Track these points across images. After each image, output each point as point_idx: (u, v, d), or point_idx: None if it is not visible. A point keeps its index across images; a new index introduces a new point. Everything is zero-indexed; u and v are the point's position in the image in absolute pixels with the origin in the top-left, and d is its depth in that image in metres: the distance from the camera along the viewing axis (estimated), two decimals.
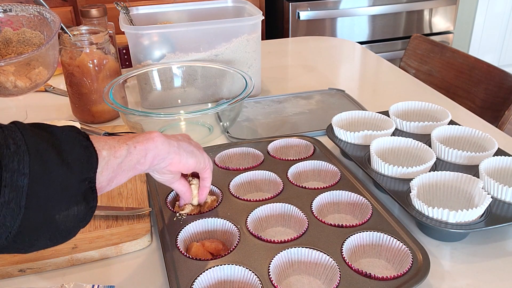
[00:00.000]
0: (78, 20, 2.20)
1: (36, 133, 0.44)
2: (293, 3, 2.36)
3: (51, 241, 0.45)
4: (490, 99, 1.25)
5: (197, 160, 0.63)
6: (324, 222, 0.67)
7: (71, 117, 1.07)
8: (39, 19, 0.86)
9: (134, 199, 0.75)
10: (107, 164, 0.49)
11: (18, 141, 0.41)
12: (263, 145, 0.87)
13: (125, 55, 1.35)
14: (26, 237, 0.42)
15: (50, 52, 0.82)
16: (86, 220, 0.47)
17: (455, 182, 0.71)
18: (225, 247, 0.64)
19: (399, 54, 2.50)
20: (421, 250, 0.61)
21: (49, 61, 0.84)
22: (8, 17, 0.86)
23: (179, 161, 0.60)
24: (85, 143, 0.47)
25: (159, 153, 0.56)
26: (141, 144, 0.54)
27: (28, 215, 0.41)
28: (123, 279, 0.63)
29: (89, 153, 0.47)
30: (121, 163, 0.51)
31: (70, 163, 0.44)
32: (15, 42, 0.84)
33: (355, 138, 0.85)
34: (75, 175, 0.44)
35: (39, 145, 0.42)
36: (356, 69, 1.46)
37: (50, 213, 0.43)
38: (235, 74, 1.00)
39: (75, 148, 0.45)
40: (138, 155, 0.53)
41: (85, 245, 0.66)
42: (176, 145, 0.59)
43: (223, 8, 1.25)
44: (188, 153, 0.61)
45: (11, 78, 0.80)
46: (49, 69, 0.84)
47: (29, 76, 0.82)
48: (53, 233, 0.44)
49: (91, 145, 0.47)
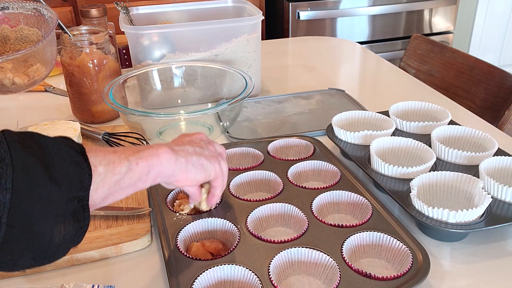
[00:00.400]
0: (78, 20, 2.20)
1: (25, 145, 0.41)
2: (293, 3, 2.36)
3: (35, 261, 0.42)
4: (490, 99, 1.25)
5: (206, 175, 0.59)
6: (324, 222, 0.67)
7: (71, 117, 1.07)
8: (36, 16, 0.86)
9: (134, 199, 0.75)
10: (103, 181, 0.46)
11: (3, 153, 0.38)
12: (263, 145, 0.87)
13: (125, 55, 1.35)
14: (8, 255, 0.40)
15: (47, 49, 0.82)
16: (76, 241, 0.44)
17: (455, 182, 0.71)
18: (225, 247, 0.64)
19: (399, 54, 2.49)
20: (421, 250, 0.61)
21: (46, 58, 0.84)
22: (5, 14, 0.86)
23: (185, 178, 0.56)
24: (77, 158, 0.44)
25: (163, 170, 0.53)
26: (144, 160, 0.50)
27: (10, 232, 0.38)
28: (123, 279, 0.63)
29: (80, 170, 0.43)
30: (119, 180, 0.48)
31: (58, 180, 0.41)
32: (13, 39, 0.84)
33: (355, 138, 0.85)
34: (63, 193, 0.41)
35: (26, 159, 0.40)
36: (356, 69, 1.46)
37: (34, 231, 0.40)
38: (235, 74, 1.00)
39: (65, 164, 0.42)
40: (139, 172, 0.50)
41: (85, 245, 0.66)
42: (184, 161, 0.56)
43: (223, 8, 1.25)
44: (197, 168, 0.57)
45: (9, 75, 0.80)
46: (47, 66, 0.84)
47: (27, 73, 0.82)
48: (37, 253, 0.41)
49: (83, 161, 0.44)
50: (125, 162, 0.48)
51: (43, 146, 0.42)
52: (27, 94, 1.20)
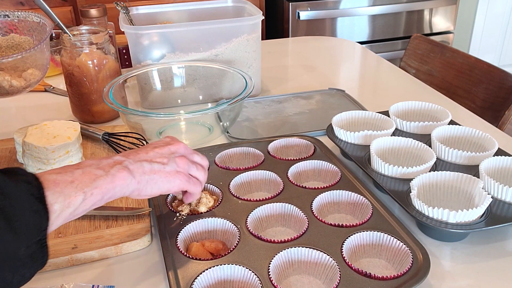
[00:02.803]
0: (78, 20, 2.20)
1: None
2: (293, 3, 2.36)
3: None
4: (490, 99, 1.25)
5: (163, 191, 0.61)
6: (324, 222, 0.67)
7: (71, 117, 1.07)
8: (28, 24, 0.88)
9: (134, 199, 0.75)
10: (59, 216, 0.48)
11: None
12: (263, 145, 0.87)
13: (125, 55, 1.35)
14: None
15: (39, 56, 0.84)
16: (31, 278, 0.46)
17: (455, 182, 0.71)
18: (225, 247, 0.64)
19: (399, 54, 2.49)
20: (421, 250, 0.60)
21: (40, 63, 0.85)
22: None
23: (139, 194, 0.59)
24: (35, 207, 0.45)
25: (116, 194, 0.55)
26: (99, 189, 0.52)
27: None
28: (123, 279, 0.63)
29: (39, 219, 0.45)
30: (74, 211, 0.50)
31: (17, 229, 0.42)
32: (4, 47, 0.86)
33: (355, 138, 0.85)
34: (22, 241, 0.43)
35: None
36: (356, 69, 1.46)
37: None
38: (235, 74, 1.00)
39: (25, 214, 0.44)
40: (94, 200, 0.52)
41: (85, 245, 0.66)
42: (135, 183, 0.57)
43: (223, 8, 1.25)
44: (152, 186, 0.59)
45: (7, 78, 0.81)
46: (41, 70, 0.86)
47: (23, 76, 0.83)
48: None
49: (42, 208, 0.46)
50: (80, 195, 0.50)
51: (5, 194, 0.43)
52: (27, 94, 1.20)
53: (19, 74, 0.83)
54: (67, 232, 0.68)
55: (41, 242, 0.46)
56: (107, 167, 0.55)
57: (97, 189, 0.52)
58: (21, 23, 0.88)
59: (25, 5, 2.13)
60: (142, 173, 0.58)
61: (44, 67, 0.86)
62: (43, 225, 0.46)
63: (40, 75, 0.86)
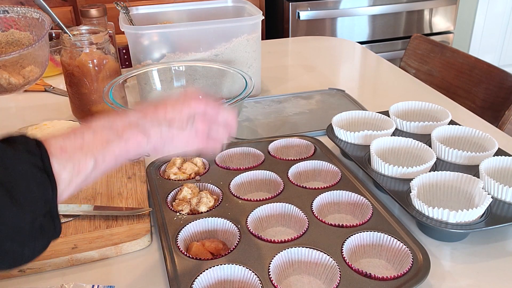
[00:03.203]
0: (78, 20, 2.20)
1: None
2: (293, 3, 2.36)
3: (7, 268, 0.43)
4: (490, 99, 1.25)
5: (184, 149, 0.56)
6: (324, 222, 0.67)
7: (71, 117, 1.07)
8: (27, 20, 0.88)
9: (134, 199, 0.75)
10: (70, 185, 0.45)
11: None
12: (263, 145, 0.87)
13: (125, 55, 1.35)
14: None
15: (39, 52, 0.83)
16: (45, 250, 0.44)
17: (455, 182, 0.71)
18: (225, 247, 0.64)
19: (399, 54, 2.49)
20: (422, 250, 0.60)
21: (40, 60, 0.85)
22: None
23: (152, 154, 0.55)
24: (39, 179, 0.43)
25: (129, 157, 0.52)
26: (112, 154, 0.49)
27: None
28: (123, 279, 0.63)
29: (44, 190, 0.43)
30: (85, 179, 0.47)
31: (22, 203, 0.40)
32: (4, 43, 0.86)
33: (355, 138, 0.85)
34: (28, 214, 0.41)
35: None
36: (356, 69, 1.46)
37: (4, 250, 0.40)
38: (235, 74, 1.00)
39: (29, 186, 0.42)
40: (106, 165, 0.49)
41: (85, 245, 0.66)
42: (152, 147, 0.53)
43: (223, 8, 1.25)
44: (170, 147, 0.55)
45: (5, 75, 0.81)
46: (40, 67, 0.85)
47: (21, 73, 0.83)
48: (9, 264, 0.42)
49: (47, 178, 0.43)
50: (90, 160, 0.47)
51: (7, 167, 0.41)
52: (27, 94, 1.20)
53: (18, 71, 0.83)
54: (67, 232, 0.68)
55: (51, 213, 0.43)
56: (120, 130, 0.51)
57: (109, 155, 0.49)
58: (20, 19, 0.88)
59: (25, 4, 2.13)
60: (159, 138, 0.54)
61: (43, 64, 0.86)
62: (50, 196, 0.43)
63: (39, 72, 0.85)
